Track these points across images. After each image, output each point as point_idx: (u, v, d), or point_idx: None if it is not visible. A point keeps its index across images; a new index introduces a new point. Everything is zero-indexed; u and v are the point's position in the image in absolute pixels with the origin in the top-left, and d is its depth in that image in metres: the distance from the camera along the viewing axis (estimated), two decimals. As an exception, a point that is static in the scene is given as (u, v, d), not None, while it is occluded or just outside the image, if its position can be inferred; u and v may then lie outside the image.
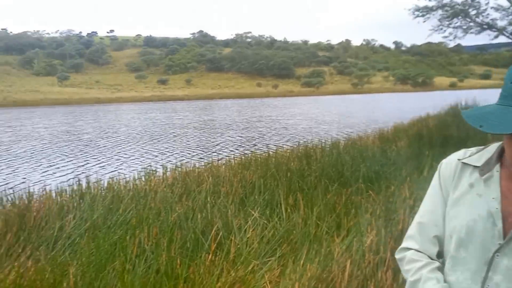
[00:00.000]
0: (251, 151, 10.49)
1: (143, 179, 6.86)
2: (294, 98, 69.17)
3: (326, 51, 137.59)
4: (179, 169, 7.59)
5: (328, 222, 4.07)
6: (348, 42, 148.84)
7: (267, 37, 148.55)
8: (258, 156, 8.09)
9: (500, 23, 14.30)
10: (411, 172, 5.73)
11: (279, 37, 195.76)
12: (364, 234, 3.43)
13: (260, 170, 6.19)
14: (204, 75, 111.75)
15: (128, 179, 6.81)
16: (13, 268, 3.19)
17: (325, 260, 3.05)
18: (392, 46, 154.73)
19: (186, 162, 10.00)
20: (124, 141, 18.12)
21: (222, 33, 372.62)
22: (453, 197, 1.17)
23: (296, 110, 38.24)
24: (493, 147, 1.17)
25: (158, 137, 19.42)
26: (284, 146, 11.57)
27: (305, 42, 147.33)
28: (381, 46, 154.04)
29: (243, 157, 8.51)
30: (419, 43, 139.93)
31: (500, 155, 1.14)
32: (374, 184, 5.43)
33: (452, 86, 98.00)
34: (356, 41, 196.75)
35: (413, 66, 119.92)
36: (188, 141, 17.94)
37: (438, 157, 6.75)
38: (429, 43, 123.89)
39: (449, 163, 1.23)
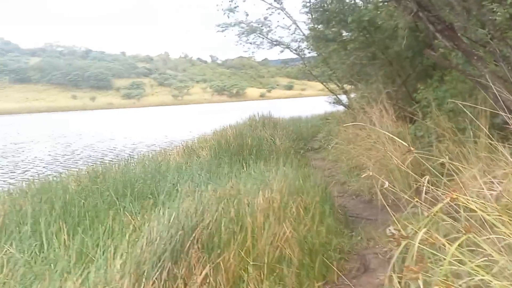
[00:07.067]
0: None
1: None
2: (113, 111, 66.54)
3: (146, 62, 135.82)
4: None
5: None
6: (167, 54, 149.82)
7: (80, 47, 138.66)
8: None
9: (286, 40, 16.93)
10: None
11: (94, 47, 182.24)
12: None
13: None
14: (8, 87, 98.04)
15: None
16: None
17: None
18: (209, 60, 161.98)
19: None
20: None
21: (28, 42, 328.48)
22: None
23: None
24: None
25: None
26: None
27: (123, 53, 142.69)
28: (199, 59, 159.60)
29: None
30: (232, 57, 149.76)
31: None
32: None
33: (262, 96, 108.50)
34: (175, 54, 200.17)
35: (228, 78, 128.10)
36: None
37: (235, 164, 7.71)
38: (240, 57, 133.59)
39: None
